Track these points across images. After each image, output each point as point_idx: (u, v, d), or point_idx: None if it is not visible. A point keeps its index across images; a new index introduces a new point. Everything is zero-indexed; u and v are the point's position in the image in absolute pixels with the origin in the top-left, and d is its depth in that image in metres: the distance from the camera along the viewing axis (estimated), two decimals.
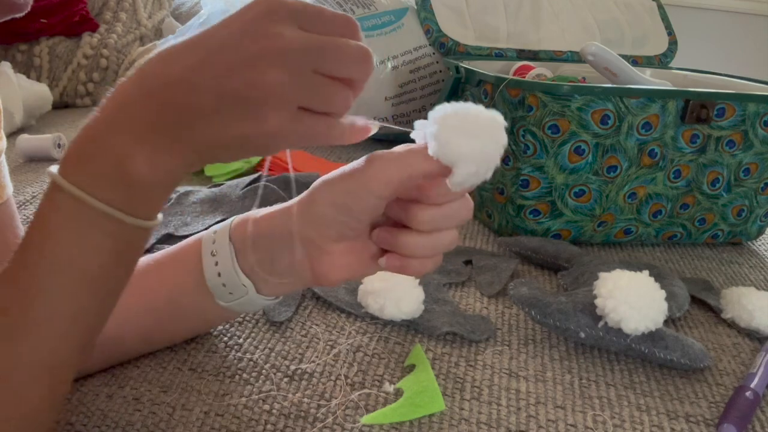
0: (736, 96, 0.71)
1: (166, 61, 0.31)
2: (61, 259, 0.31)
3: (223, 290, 0.42)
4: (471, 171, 0.35)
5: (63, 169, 0.32)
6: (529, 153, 0.69)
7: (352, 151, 1.06)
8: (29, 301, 0.31)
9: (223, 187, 0.71)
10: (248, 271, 0.41)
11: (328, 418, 0.42)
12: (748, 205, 0.77)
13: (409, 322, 0.53)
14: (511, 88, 0.70)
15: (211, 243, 0.42)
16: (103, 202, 0.31)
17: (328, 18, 0.32)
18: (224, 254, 0.41)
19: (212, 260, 0.42)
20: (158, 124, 0.31)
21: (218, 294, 0.42)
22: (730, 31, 2.30)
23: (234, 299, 0.42)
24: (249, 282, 0.41)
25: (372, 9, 1.07)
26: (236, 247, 0.42)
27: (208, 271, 0.42)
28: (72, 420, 0.40)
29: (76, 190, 0.31)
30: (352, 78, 0.34)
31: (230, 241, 0.42)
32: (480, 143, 0.35)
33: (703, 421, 0.45)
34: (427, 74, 1.08)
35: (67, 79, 1.32)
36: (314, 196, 0.40)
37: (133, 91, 0.32)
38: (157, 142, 0.31)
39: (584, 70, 0.94)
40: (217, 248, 0.42)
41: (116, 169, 0.31)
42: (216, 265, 0.42)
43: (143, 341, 0.46)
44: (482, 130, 0.35)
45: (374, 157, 0.38)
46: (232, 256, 0.41)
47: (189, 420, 0.41)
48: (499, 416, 0.44)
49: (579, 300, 0.52)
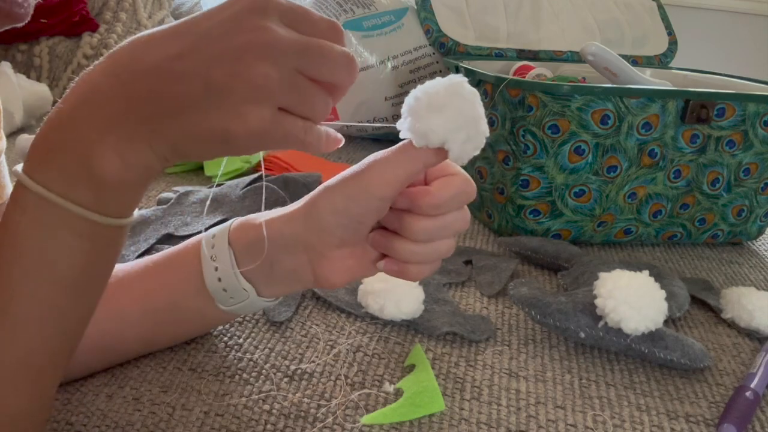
0: (736, 96, 0.71)
1: (144, 48, 0.30)
2: (32, 262, 0.30)
3: (223, 295, 0.42)
4: (461, 139, 0.35)
5: (28, 167, 0.30)
6: (529, 153, 0.69)
7: (352, 151, 1.06)
8: (3, 304, 0.30)
9: (223, 187, 0.71)
10: (248, 276, 0.41)
11: (328, 418, 0.42)
12: (748, 205, 0.77)
13: (409, 322, 0.53)
14: (511, 88, 0.70)
15: (210, 248, 0.42)
16: (71, 202, 0.29)
17: (314, 20, 0.32)
18: (224, 259, 0.41)
19: (212, 265, 0.41)
20: (131, 115, 0.29)
21: (219, 298, 0.42)
22: (730, 31, 2.30)
23: (235, 303, 0.42)
24: (250, 286, 0.41)
25: (372, 9, 1.07)
26: (236, 252, 0.41)
27: (208, 277, 0.41)
28: (72, 420, 0.40)
29: (42, 190, 0.29)
30: (335, 83, 0.33)
31: (229, 245, 0.41)
32: (452, 110, 0.35)
33: (703, 421, 0.45)
34: (427, 74, 1.08)
35: (67, 79, 1.32)
36: (316, 202, 0.40)
37: (103, 80, 0.30)
38: (128, 134, 0.29)
39: (584, 70, 0.94)
40: (217, 253, 0.41)
41: (83, 165, 0.29)
42: (216, 270, 0.41)
43: (143, 343, 0.46)
44: (448, 98, 0.35)
45: (372, 159, 0.38)
46: (232, 261, 0.41)
47: (189, 420, 0.40)
48: (499, 416, 0.44)
49: (579, 300, 0.52)
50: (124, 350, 0.45)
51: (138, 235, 0.63)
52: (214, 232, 0.43)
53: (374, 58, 1.05)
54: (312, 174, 0.75)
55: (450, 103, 0.35)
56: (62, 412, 0.41)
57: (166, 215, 0.66)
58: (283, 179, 0.72)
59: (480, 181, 0.78)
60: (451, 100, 0.35)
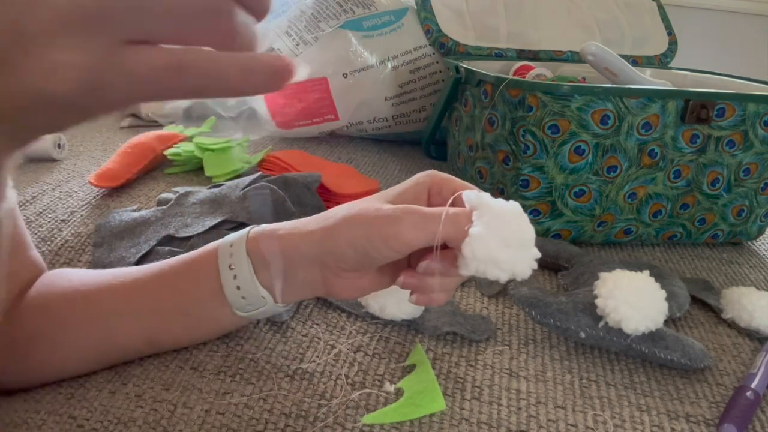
0: (736, 96, 0.71)
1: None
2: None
3: (242, 302, 0.43)
4: (491, 275, 0.37)
5: None
6: (529, 153, 0.69)
7: (352, 151, 1.06)
8: None
9: (223, 187, 0.71)
10: (266, 285, 0.42)
11: (328, 418, 0.42)
12: (748, 205, 0.77)
13: (409, 321, 0.53)
14: (511, 88, 0.70)
15: (228, 256, 0.42)
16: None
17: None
18: (243, 268, 0.42)
19: (230, 273, 0.42)
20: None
21: (237, 306, 0.43)
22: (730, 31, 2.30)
23: (252, 310, 0.43)
24: (267, 294, 0.42)
25: (372, 9, 1.07)
26: (254, 262, 0.42)
27: (227, 285, 0.42)
28: (75, 414, 0.40)
29: None
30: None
31: (248, 255, 0.42)
32: (512, 262, 0.37)
33: (704, 421, 0.45)
34: (427, 74, 1.08)
35: None
36: (336, 230, 0.40)
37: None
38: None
39: (584, 70, 0.94)
40: (235, 262, 0.42)
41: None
42: (235, 279, 0.42)
43: (148, 344, 0.46)
44: (519, 250, 0.37)
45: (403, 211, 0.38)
46: (251, 270, 0.42)
47: (190, 418, 0.41)
48: (500, 416, 0.44)
49: (579, 300, 0.52)
50: (130, 354, 0.46)
51: (138, 237, 0.63)
52: (231, 240, 0.43)
53: (374, 58, 1.05)
54: (312, 174, 0.75)
55: (519, 256, 0.37)
56: (65, 406, 0.41)
57: (166, 216, 0.66)
58: (283, 179, 0.72)
59: (480, 181, 0.78)
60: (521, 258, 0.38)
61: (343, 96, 1.06)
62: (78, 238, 0.64)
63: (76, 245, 0.63)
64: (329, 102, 1.06)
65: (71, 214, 0.70)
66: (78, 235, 0.65)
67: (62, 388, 0.43)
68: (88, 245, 0.63)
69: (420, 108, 1.10)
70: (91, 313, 0.44)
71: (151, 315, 0.44)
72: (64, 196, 0.74)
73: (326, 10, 1.06)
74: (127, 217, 0.66)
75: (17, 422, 0.40)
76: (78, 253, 0.61)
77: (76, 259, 0.60)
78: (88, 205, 0.72)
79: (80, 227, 0.66)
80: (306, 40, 1.05)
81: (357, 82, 1.05)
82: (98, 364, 0.45)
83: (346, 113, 1.08)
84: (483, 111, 0.76)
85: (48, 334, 0.43)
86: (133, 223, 0.65)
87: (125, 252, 0.60)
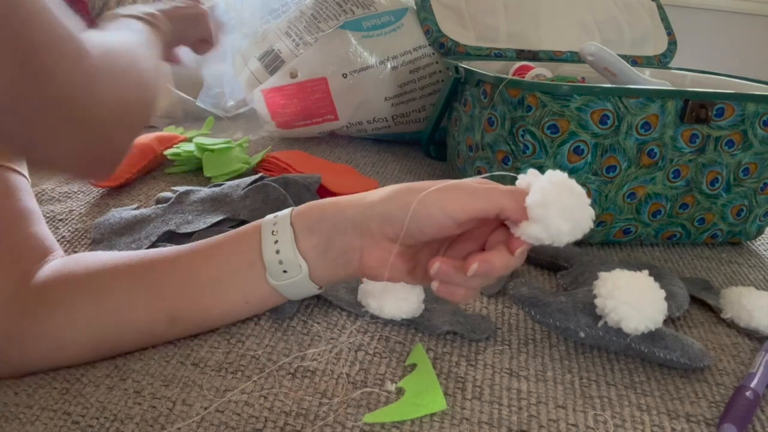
0: (736, 96, 0.71)
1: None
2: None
3: (278, 267, 0.44)
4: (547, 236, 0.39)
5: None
6: (528, 153, 0.69)
7: (352, 151, 1.06)
8: None
9: (224, 187, 0.71)
10: (305, 253, 0.44)
11: (329, 416, 0.42)
12: (748, 204, 0.77)
13: (409, 321, 0.53)
14: (510, 88, 0.70)
15: (272, 224, 0.45)
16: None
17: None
18: (285, 233, 0.44)
19: (272, 238, 0.44)
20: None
21: (272, 271, 0.44)
22: (730, 31, 2.30)
23: (287, 278, 0.44)
24: (305, 263, 0.44)
25: (372, 9, 1.07)
26: (296, 230, 0.44)
27: (266, 249, 0.44)
28: (70, 410, 0.40)
29: None
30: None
31: (291, 225, 0.44)
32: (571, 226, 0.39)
33: (704, 421, 0.46)
34: (427, 74, 1.08)
35: None
36: (391, 197, 0.42)
37: None
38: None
39: (584, 70, 0.94)
40: (278, 228, 0.44)
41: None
42: (276, 243, 0.44)
43: (172, 323, 0.46)
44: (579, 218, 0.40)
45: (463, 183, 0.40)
46: (292, 237, 0.44)
47: (189, 415, 0.41)
48: (501, 416, 0.44)
49: (579, 300, 0.53)
50: (149, 327, 0.45)
51: (139, 233, 0.63)
52: (276, 213, 0.46)
53: (374, 58, 1.05)
54: (312, 175, 0.75)
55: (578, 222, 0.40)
56: (60, 402, 0.41)
57: (166, 213, 0.66)
58: (283, 180, 0.72)
59: None
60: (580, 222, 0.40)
61: (343, 96, 1.06)
62: (76, 236, 0.64)
63: (75, 242, 0.63)
64: (329, 102, 1.06)
65: (69, 213, 0.70)
66: (76, 232, 0.65)
67: (57, 383, 0.42)
68: (87, 242, 0.63)
69: (419, 108, 1.10)
70: (106, 287, 0.44)
71: (179, 288, 0.45)
72: (64, 197, 0.74)
73: (326, 11, 1.06)
74: (127, 215, 0.66)
75: (8, 416, 0.39)
76: (77, 250, 0.61)
77: None
78: (87, 204, 0.72)
79: (78, 225, 0.67)
80: (306, 41, 1.05)
81: (357, 82, 1.05)
82: (112, 347, 0.45)
83: (345, 113, 1.08)
84: (482, 111, 0.76)
85: (63, 308, 0.43)
86: (133, 221, 0.65)
87: (125, 248, 0.60)
